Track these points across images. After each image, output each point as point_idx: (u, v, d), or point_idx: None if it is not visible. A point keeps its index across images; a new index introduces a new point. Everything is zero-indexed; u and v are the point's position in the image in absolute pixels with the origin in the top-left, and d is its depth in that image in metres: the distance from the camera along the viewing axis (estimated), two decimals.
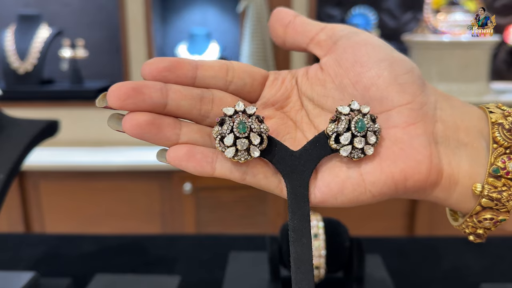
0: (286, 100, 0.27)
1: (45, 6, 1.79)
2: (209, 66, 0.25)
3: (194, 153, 0.23)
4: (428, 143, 0.23)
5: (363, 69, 0.24)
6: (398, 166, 0.23)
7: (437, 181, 0.24)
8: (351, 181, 0.24)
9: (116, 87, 0.22)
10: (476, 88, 1.62)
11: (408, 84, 0.24)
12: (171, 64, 0.24)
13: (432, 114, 0.24)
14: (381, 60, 0.24)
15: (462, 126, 0.24)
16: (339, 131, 0.23)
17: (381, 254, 0.59)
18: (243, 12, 1.62)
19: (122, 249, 0.67)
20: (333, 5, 1.88)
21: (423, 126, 0.23)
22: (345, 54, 0.25)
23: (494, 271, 0.61)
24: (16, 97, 1.62)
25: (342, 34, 0.26)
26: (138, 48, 1.62)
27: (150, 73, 0.23)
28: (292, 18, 0.27)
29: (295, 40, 0.27)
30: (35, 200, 1.52)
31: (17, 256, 0.65)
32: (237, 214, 1.51)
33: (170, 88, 0.23)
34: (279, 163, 0.24)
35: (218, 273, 0.59)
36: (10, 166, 0.48)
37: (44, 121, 0.54)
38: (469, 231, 0.25)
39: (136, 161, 1.46)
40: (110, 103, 0.22)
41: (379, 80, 0.24)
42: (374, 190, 0.24)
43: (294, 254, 0.23)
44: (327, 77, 0.26)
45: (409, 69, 0.24)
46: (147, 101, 0.22)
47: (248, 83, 0.26)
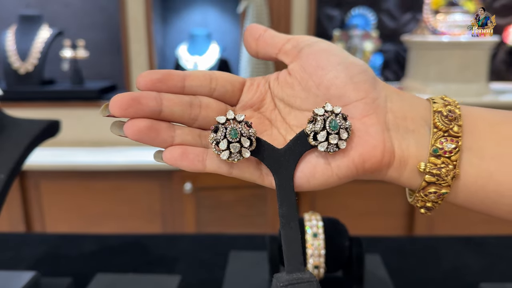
0: (261, 102, 0.31)
1: (46, 6, 1.80)
2: (195, 76, 0.29)
3: (187, 153, 0.27)
4: (381, 131, 0.28)
5: (323, 72, 0.28)
6: (357, 151, 0.27)
7: (390, 162, 0.28)
8: (320, 166, 0.28)
9: (117, 98, 0.26)
10: (475, 89, 1.62)
11: (362, 83, 0.28)
12: (162, 76, 0.27)
13: (383, 106, 0.28)
14: (338, 63, 0.28)
15: (409, 116, 0.28)
16: (316, 130, 0.27)
17: (381, 254, 0.60)
18: (243, 12, 1.63)
19: (122, 248, 0.67)
20: (333, 6, 1.88)
21: (375, 117, 0.28)
22: (308, 60, 0.29)
23: (493, 271, 0.61)
24: (17, 97, 1.63)
25: (305, 43, 0.30)
26: (139, 48, 1.63)
27: (145, 84, 0.27)
28: (262, 32, 0.31)
29: (266, 51, 0.31)
30: (36, 200, 1.52)
31: (18, 256, 0.65)
32: (237, 214, 1.51)
33: (164, 97, 0.27)
34: (268, 160, 0.28)
35: (218, 273, 0.59)
36: (11, 166, 0.48)
37: (45, 121, 0.54)
38: (420, 204, 0.29)
39: (137, 161, 1.46)
40: (113, 113, 0.26)
41: (337, 81, 0.28)
42: (339, 173, 0.28)
43: (284, 236, 0.27)
44: (294, 80, 0.30)
45: (362, 70, 0.28)
46: (145, 109, 0.26)
47: (229, 90, 0.30)
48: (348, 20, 1.85)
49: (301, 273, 0.27)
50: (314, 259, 0.45)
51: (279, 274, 0.27)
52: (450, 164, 0.27)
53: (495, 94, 1.66)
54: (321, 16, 1.87)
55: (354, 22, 1.82)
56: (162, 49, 1.84)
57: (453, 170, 0.27)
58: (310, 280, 0.26)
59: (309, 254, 0.45)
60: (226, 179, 1.51)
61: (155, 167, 1.46)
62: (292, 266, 0.27)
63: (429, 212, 0.29)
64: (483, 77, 1.64)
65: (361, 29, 1.79)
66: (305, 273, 0.27)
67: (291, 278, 0.26)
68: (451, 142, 0.27)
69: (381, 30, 1.85)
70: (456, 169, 0.27)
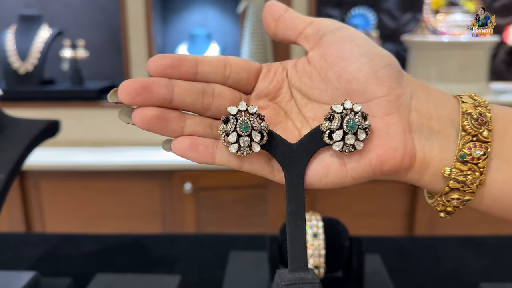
0: (277, 92, 0.29)
1: (46, 6, 1.80)
2: (209, 62, 0.27)
3: (197, 144, 0.26)
4: (403, 131, 0.26)
5: (345, 64, 0.26)
6: (375, 152, 0.26)
7: (410, 165, 0.26)
8: (335, 166, 0.26)
9: (126, 84, 0.24)
10: (476, 89, 1.62)
11: (386, 78, 0.26)
12: (174, 61, 0.26)
13: (408, 104, 0.26)
14: (362, 55, 0.26)
15: (435, 115, 0.26)
16: (332, 129, 0.26)
17: (381, 254, 0.60)
18: (243, 12, 1.62)
19: (122, 248, 0.67)
20: (333, 5, 1.88)
21: (398, 116, 0.26)
22: (330, 48, 0.27)
23: (493, 271, 0.61)
24: (17, 97, 1.63)
25: (328, 29, 0.27)
26: (139, 48, 1.63)
27: (155, 69, 0.25)
28: (282, 12, 0.29)
29: (285, 33, 0.29)
30: (36, 200, 1.52)
31: (18, 256, 0.65)
32: (237, 214, 1.51)
33: (175, 84, 0.25)
34: (279, 155, 0.26)
35: (218, 273, 0.59)
36: (11, 166, 0.48)
37: (44, 121, 0.54)
38: (440, 208, 0.28)
39: (137, 161, 1.46)
40: (121, 99, 0.24)
41: (360, 74, 0.26)
42: (354, 174, 0.26)
43: (290, 234, 0.26)
44: (313, 70, 0.28)
45: (388, 63, 0.26)
46: (155, 97, 0.25)
47: (244, 77, 0.28)
48: (348, 20, 1.85)
49: (304, 273, 0.26)
50: (314, 259, 0.45)
51: (281, 271, 0.26)
52: (477, 171, 0.25)
53: (495, 94, 1.66)
54: (321, 16, 1.87)
55: (354, 22, 1.82)
56: (162, 49, 1.84)
57: (480, 178, 0.25)
58: (313, 281, 0.25)
59: (309, 254, 0.45)
60: (226, 179, 1.51)
61: (155, 167, 1.46)
62: (296, 265, 0.26)
63: (448, 216, 0.28)
64: (483, 77, 1.64)
65: (361, 29, 1.79)
66: (308, 273, 0.26)
67: (294, 278, 0.26)
68: (480, 148, 0.25)
69: (381, 30, 1.85)
70: (482, 176, 0.25)
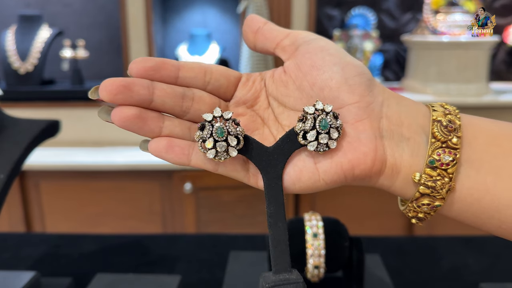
0: (255, 100, 0.30)
1: (46, 6, 1.80)
2: (190, 68, 0.28)
3: (173, 145, 0.26)
4: (373, 137, 0.27)
5: (318, 72, 0.27)
6: (346, 157, 0.26)
7: (381, 170, 0.27)
8: (307, 170, 0.27)
9: (108, 82, 0.25)
10: (475, 89, 1.62)
11: (357, 86, 0.27)
12: (156, 65, 0.26)
13: (378, 111, 0.27)
14: (334, 64, 0.27)
15: (406, 122, 0.27)
16: (306, 129, 0.26)
17: (381, 254, 0.60)
18: (243, 12, 1.63)
19: (122, 248, 0.67)
20: (333, 6, 1.88)
21: (369, 122, 0.27)
22: (304, 58, 0.28)
23: (493, 271, 0.61)
24: (17, 97, 1.63)
25: (303, 40, 0.29)
26: (139, 48, 1.63)
27: (137, 71, 0.26)
28: (261, 24, 0.30)
29: (264, 44, 0.30)
30: (36, 200, 1.52)
31: (18, 256, 0.65)
32: (237, 214, 1.51)
33: (156, 86, 0.26)
34: (255, 159, 0.27)
35: (218, 273, 0.59)
36: (11, 166, 0.48)
37: (45, 121, 0.55)
38: (411, 214, 0.28)
39: (137, 161, 1.46)
40: (102, 97, 0.25)
41: (331, 82, 0.27)
42: (326, 178, 0.27)
43: (271, 236, 0.27)
44: (289, 79, 0.29)
45: (359, 72, 0.27)
46: (135, 97, 0.25)
47: (224, 84, 0.29)
48: (348, 20, 1.85)
49: (288, 273, 0.26)
50: (314, 259, 0.45)
51: (266, 273, 0.27)
52: (446, 177, 0.26)
53: (495, 94, 1.66)
54: (321, 16, 1.87)
55: (354, 22, 1.82)
56: (162, 49, 1.84)
57: (449, 183, 0.26)
58: (297, 281, 0.26)
59: (309, 254, 0.45)
60: (226, 179, 1.50)
61: (155, 167, 1.46)
62: (280, 266, 0.26)
63: (420, 222, 0.28)
64: (483, 77, 1.64)
65: (361, 29, 1.79)
66: (292, 273, 0.26)
67: (278, 279, 0.26)
68: (449, 154, 0.26)
69: (381, 30, 1.85)
70: (452, 182, 0.26)
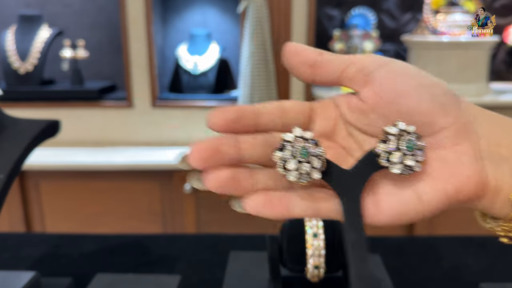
0: (333, 130, 0.28)
1: (46, 6, 1.80)
2: (267, 112, 0.27)
3: (271, 199, 0.25)
4: (475, 160, 0.25)
5: (404, 99, 0.26)
6: (451, 184, 0.25)
7: (484, 193, 0.26)
8: (413, 204, 0.26)
9: (196, 149, 0.24)
10: (475, 89, 1.62)
11: (449, 105, 0.26)
12: (237, 115, 0.25)
13: (475, 132, 0.26)
14: (419, 87, 0.26)
15: (504, 143, 0.26)
16: (390, 150, 0.25)
17: (381, 254, 0.60)
18: (243, 12, 1.62)
19: (122, 248, 0.67)
20: (333, 6, 1.88)
21: (469, 144, 0.25)
22: (382, 86, 0.26)
23: (493, 271, 0.61)
24: (17, 97, 1.63)
25: (376, 65, 0.27)
26: (139, 48, 1.63)
27: (219, 126, 0.25)
28: (317, 57, 0.28)
29: (325, 78, 0.28)
30: (36, 200, 1.52)
31: (18, 256, 0.65)
32: (237, 214, 1.50)
33: (241, 140, 0.25)
34: (335, 183, 0.25)
35: (218, 273, 0.59)
36: (10, 166, 0.48)
37: (45, 121, 0.54)
38: (502, 233, 0.27)
39: (137, 161, 1.46)
40: (194, 166, 0.24)
41: (421, 107, 0.25)
42: (431, 208, 0.26)
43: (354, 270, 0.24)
44: (369, 108, 0.27)
45: (446, 91, 0.26)
46: (225, 158, 0.24)
47: (301, 121, 0.28)
48: (348, 20, 1.85)
49: None
50: (314, 259, 0.45)
51: None
52: None
53: (495, 94, 1.66)
54: (321, 16, 1.87)
55: (354, 22, 1.82)
56: (162, 49, 1.84)
57: None
58: None
59: (309, 254, 0.45)
60: None
61: (155, 167, 1.46)
62: None
63: (510, 242, 0.27)
64: (483, 77, 1.64)
65: (361, 29, 1.79)
66: None
67: None
68: None
69: (381, 30, 1.85)
70: None
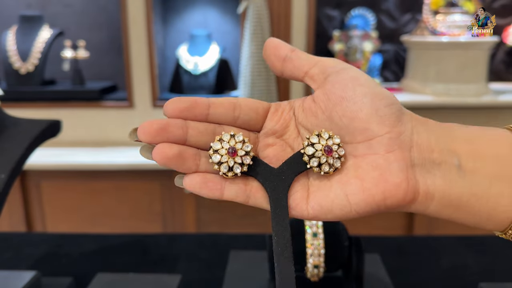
0: (285, 129, 0.31)
1: (47, 7, 1.80)
2: (220, 104, 0.29)
3: (206, 181, 0.28)
4: (405, 167, 0.27)
5: (348, 104, 0.28)
6: (378, 189, 0.27)
7: (414, 199, 0.27)
8: (339, 202, 0.27)
9: (145, 125, 0.27)
10: (475, 89, 1.62)
11: (387, 116, 0.27)
12: (190, 105, 0.28)
13: (409, 140, 0.27)
14: (364, 95, 0.27)
15: (436, 148, 0.27)
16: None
17: (380, 253, 0.60)
18: (244, 13, 1.63)
19: (123, 248, 0.68)
20: (333, 6, 1.88)
21: (400, 152, 0.27)
22: (333, 89, 0.28)
23: (493, 271, 0.61)
24: (18, 97, 1.63)
25: (333, 70, 0.29)
26: (139, 49, 1.63)
27: (172, 112, 0.28)
28: (288, 52, 0.30)
29: (292, 73, 0.30)
30: (37, 200, 1.52)
31: (19, 256, 0.66)
32: (237, 213, 1.52)
33: (189, 125, 0.28)
34: (263, 179, 0.28)
35: (218, 272, 0.60)
36: (12, 166, 0.48)
37: (46, 121, 0.55)
38: None
39: (137, 161, 1.46)
40: (141, 139, 0.27)
41: (361, 113, 0.27)
42: (358, 209, 0.27)
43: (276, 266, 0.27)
44: (318, 109, 0.29)
45: (389, 103, 0.27)
46: (171, 138, 0.27)
47: (253, 117, 0.30)
48: (348, 20, 1.85)
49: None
50: (314, 258, 0.45)
51: None
52: None
53: (495, 94, 1.66)
54: (321, 16, 1.87)
55: (353, 22, 1.82)
56: (163, 50, 1.84)
57: None
58: None
59: (309, 254, 0.45)
60: None
61: (155, 167, 1.46)
62: None
63: None
64: (482, 77, 1.64)
65: (360, 29, 1.80)
66: None
67: None
68: None
69: (380, 30, 1.85)
70: None
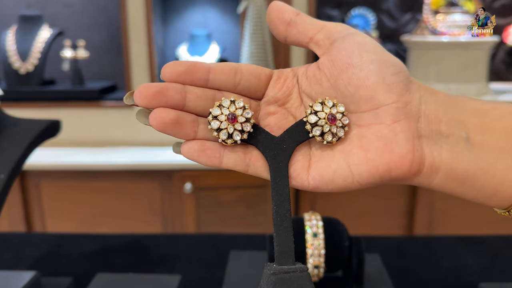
0: (287, 97, 0.29)
1: (47, 7, 1.80)
2: (220, 69, 0.28)
3: (205, 149, 0.27)
4: (411, 138, 0.26)
5: (354, 71, 0.26)
6: (383, 159, 0.26)
7: (419, 171, 0.26)
8: (341, 172, 0.26)
9: (142, 88, 0.25)
10: (475, 89, 1.62)
11: (395, 85, 0.26)
12: (188, 68, 0.27)
13: (416, 110, 0.26)
14: (371, 62, 0.26)
15: (444, 119, 0.26)
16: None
17: (380, 253, 0.60)
18: (243, 13, 1.63)
19: (123, 248, 0.68)
20: (333, 6, 1.88)
21: (406, 123, 0.26)
22: (339, 55, 0.27)
23: (493, 271, 0.61)
24: (17, 97, 1.63)
25: (339, 35, 0.27)
26: (139, 49, 1.63)
27: (170, 76, 0.26)
28: (293, 16, 0.28)
29: (296, 38, 0.29)
30: (36, 200, 1.52)
31: (18, 256, 0.66)
32: (237, 213, 1.52)
33: (188, 90, 0.27)
34: (263, 147, 0.27)
35: (218, 272, 0.60)
36: (11, 166, 0.48)
37: (45, 121, 0.55)
38: None
39: (137, 161, 1.46)
40: (137, 103, 0.26)
41: (368, 81, 0.26)
42: (361, 180, 0.26)
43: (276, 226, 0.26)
44: (323, 76, 0.28)
45: (397, 70, 0.26)
46: (169, 102, 0.26)
47: (254, 84, 0.28)
48: (348, 20, 1.85)
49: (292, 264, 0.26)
50: (314, 259, 0.45)
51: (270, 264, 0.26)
52: None
53: (495, 94, 1.66)
54: (321, 16, 1.87)
55: (354, 22, 1.82)
56: (162, 50, 1.84)
57: None
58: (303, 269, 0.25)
59: (309, 254, 0.45)
60: (226, 179, 1.51)
61: (155, 167, 1.46)
62: (284, 260, 0.26)
63: None
64: (482, 77, 1.64)
65: (361, 29, 1.80)
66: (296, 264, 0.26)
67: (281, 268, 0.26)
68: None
69: (381, 30, 1.85)
70: None
